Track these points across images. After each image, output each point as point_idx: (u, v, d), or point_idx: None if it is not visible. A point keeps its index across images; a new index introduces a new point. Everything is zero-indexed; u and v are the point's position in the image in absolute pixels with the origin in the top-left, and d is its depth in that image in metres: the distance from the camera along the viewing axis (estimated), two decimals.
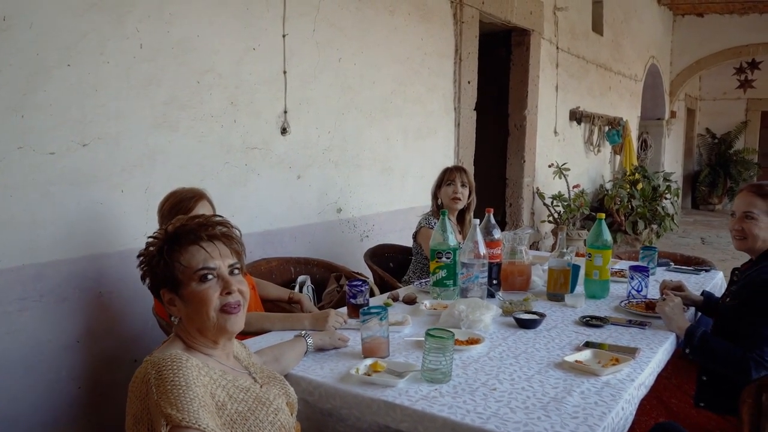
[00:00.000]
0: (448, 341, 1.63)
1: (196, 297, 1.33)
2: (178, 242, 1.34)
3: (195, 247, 1.34)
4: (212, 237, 1.37)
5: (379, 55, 3.93)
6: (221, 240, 1.38)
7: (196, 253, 1.34)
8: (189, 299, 1.33)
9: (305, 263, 3.18)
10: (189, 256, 1.33)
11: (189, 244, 1.34)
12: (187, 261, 1.33)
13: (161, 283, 1.36)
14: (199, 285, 1.33)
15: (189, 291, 1.33)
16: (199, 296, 1.33)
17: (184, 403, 1.16)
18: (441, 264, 2.42)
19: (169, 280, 1.34)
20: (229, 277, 1.36)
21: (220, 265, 1.36)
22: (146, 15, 2.59)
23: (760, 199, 2.15)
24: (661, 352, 1.96)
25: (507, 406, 1.51)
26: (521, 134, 5.95)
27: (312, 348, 1.84)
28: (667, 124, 10.96)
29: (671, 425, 1.84)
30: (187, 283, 1.33)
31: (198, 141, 2.86)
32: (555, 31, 6.40)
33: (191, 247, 1.34)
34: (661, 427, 1.84)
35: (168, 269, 1.33)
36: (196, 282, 1.33)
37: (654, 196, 7.62)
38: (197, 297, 1.33)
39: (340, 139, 3.68)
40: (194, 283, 1.33)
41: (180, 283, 1.33)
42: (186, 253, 1.34)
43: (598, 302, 2.51)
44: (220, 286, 1.35)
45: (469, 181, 3.28)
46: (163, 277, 1.34)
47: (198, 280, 1.33)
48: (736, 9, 10.19)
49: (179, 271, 1.33)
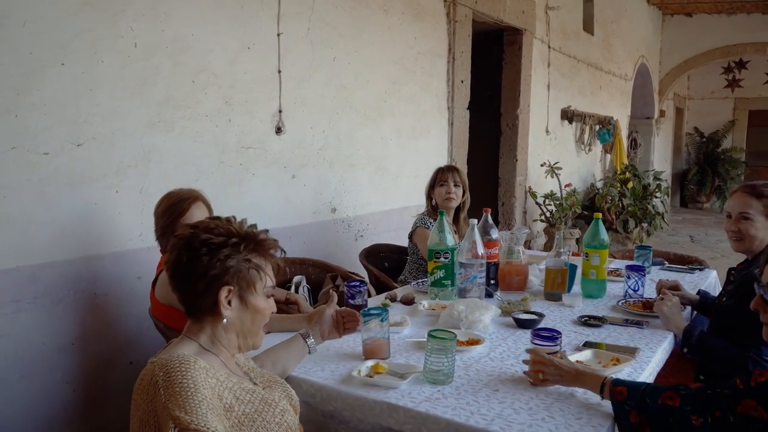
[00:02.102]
0: (451, 342, 1.63)
1: (262, 310, 1.40)
2: (263, 251, 1.39)
3: (273, 262, 1.42)
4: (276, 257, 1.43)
5: (374, 54, 3.92)
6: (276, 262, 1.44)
7: (271, 269, 1.42)
8: (254, 308, 1.38)
9: (300, 263, 3.17)
10: (269, 270, 1.40)
11: (270, 257, 1.40)
12: (268, 273, 1.40)
13: (229, 279, 1.33)
14: (266, 300, 1.41)
15: (258, 301, 1.38)
16: (264, 310, 1.40)
17: (193, 406, 1.15)
18: (439, 264, 2.42)
19: (244, 280, 1.36)
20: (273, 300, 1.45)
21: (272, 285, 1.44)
22: (140, 14, 2.57)
23: (755, 199, 2.16)
24: (660, 352, 1.97)
25: (510, 407, 1.51)
26: (513, 133, 5.96)
27: (315, 348, 1.80)
28: (657, 123, 11.03)
29: None
30: (257, 293, 1.38)
31: (193, 141, 2.83)
32: (547, 31, 6.42)
33: (271, 261, 1.41)
34: None
35: (249, 271, 1.36)
36: (265, 296, 1.40)
37: (644, 195, 7.67)
38: (263, 310, 1.40)
39: (335, 139, 3.67)
40: (262, 296, 1.39)
41: (253, 289, 1.37)
42: (267, 266, 1.40)
43: (596, 302, 2.52)
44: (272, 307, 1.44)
45: (462, 180, 3.28)
46: (239, 275, 1.34)
47: (267, 295, 1.41)
48: (724, 9, 10.27)
49: (257, 278, 1.37)
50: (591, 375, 1.58)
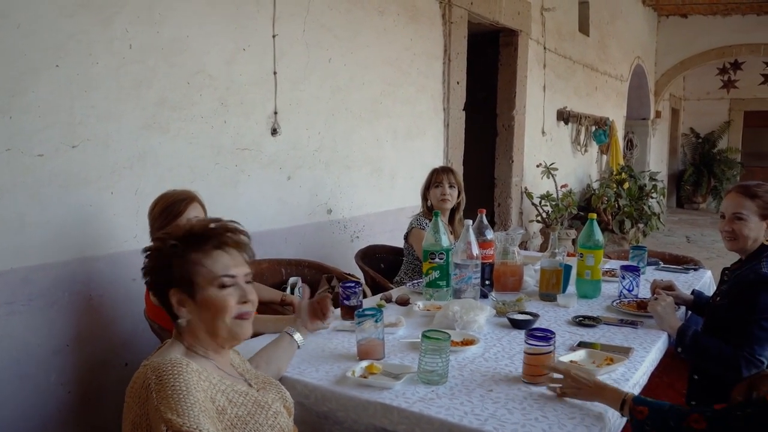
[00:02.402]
0: (445, 343, 1.63)
1: (214, 302, 1.33)
2: (202, 244, 1.33)
3: (219, 252, 1.34)
4: (236, 244, 1.37)
5: (369, 55, 3.93)
6: (239, 248, 1.39)
7: (219, 259, 1.34)
8: (206, 304, 1.33)
9: (296, 264, 3.17)
10: (212, 261, 1.33)
11: (213, 248, 1.34)
12: (210, 265, 1.33)
13: (173, 283, 1.33)
14: (219, 291, 1.33)
15: (206, 295, 1.32)
16: (219, 302, 1.33)
17: (185, 408, 1.15)
18: (434, 265, 2.43)
19: (184, 281, 1.32)
20: (245, 286, 1.37)
21: (239, 273, 1.36)
22: (135, 16, 2.57)
23: (748, 199, 2.17)
24: (654, 352, 1.98)
25: (504, 407, 1.51)
26: (509, 134, 5.97)
27: (301, 342, 1.81)
28: (653, 123, 11.05)
29: None
30: (205, 287, 1.32)
31: (188, 142, 2.83)
32: (542, 32, 6.43)
33: (216, 251, 1.34)
34: None
35: (185, 270, 1.32)
36: (215, 288, 1.33)
37: (640, 196, 7.69)
38: (216, 302, 1.33)
39: (330, 140, 3.67)
40: (213, 288, 1.32)
41: (197, 286, 1.32)
42: (209, 257, 1.33)
43: (590, 302, 2.53)
44: (237, 293, 1.35)
45: (457, 181, 3.29)
46: (178, 277, 1.32)
47: (218, 286, 1.33)
48: (719, 10, 10.31)
49: (199, 274, 1.32)
50: (611, 390, 1.53)
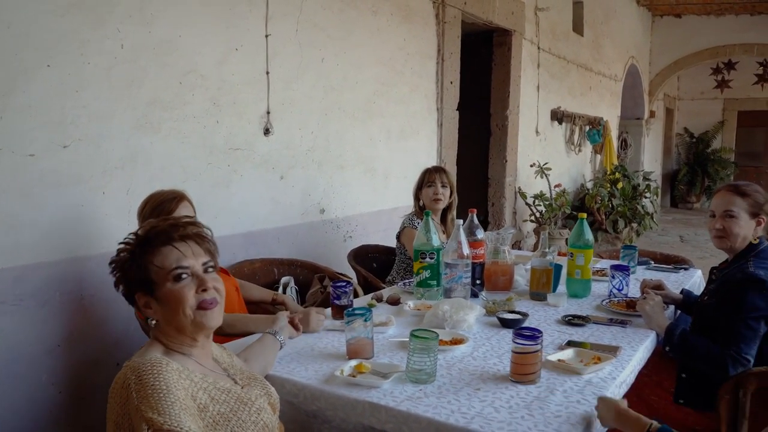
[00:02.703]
0: (433, 342, 1.64)
1: (172, 296, 1.34)
2: (151, 244, 1.35)
3: (168, 248, 1.35)
4: (184, 237, 1.38)
5: (362, 55, 3.94)
6: (193, 239, 1.39)
7: (169, 254, 1.35)
8: (165, 300, 1.34)
9: (289, 264, 3.18)
10: (162, 257, 1.34)
11: (161, 245, 1.35)
12: (160, 262, 1.34)
13: (135, 287, 1.36)
14: (174, 284, 1.34)
15: (164, 291, 1.34)
16: (175, 295, 1.33)
17: (165, 407, 1.16)
18: (425, 264, 2.44)
19: (143, 283, 1.35)
20: (203, 275, 1.37)
21: (194, 263, 1.37)
22: (127, 15, 2.57)
23: (739, 197, 2.19)
24: (642, 350, 1.99)
25: (491, 406, 1.52)
26: (503, 134, 5.99)
27: (284, 342, 1.86)
28: (647, 123, 11.09)
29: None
30: (162, 284, 1.34)
31: (180, 142, 2.84)
32: (536, 32, 6.45)
33: (164, 248, 1.35)
34: None
35: (141, 272, 1.34)
36: (171, 282, 1.34)
37: (634, 195, 7.72)
38: (173, 296, 1.33)
39: (323, 140, 3.68)
40: (169, 283, 1.34)
41: (155, 285, 1.34)
42: (159, 254, 1.34)
43: (580, 301, 2.54)
44: (195, 284, 1.36)
45: (450, 181, 3.31)
46: (137, 280, 1.35)
47: (173, 280, 1.34)
48: (712, 10, 10.35)
49: (153, 272, 1.34)
50: (634, 419, 1.48)
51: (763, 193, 2.20)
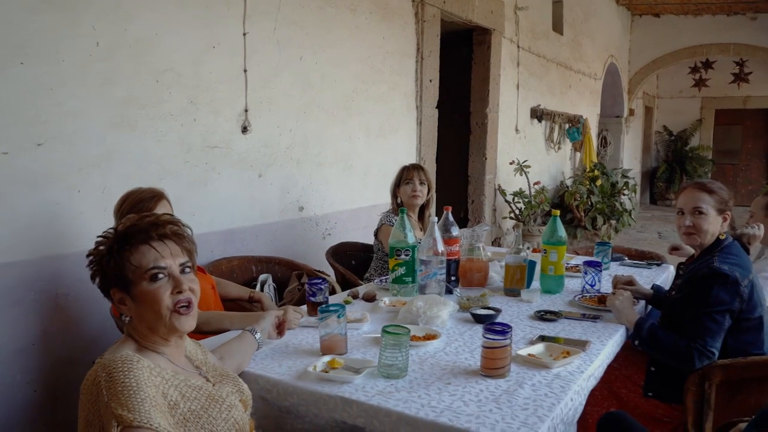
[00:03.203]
0: (404, 337, 1.67)
1: (147, 296, 1.34)
2: (129, 242, 1.36)
3: (145, 247, 1.35)
4: (163, 236, 1.38)
5: (341, 53, 3.95)
6: (172, 239, 1.39)
7: (146, 253, 1.35)
8: (140, 299, 1.35)
9: (267, 262, 3.19)
10: (139, 256, 1.35)
11: (139, 243, 1.36)
12: (137, 261, 1.34)
13: (111, 283, 1.37)
14: (150, 284, 1.34)
15: (140, 290, 1.34)
16: (151, 295, 1.34)
17: (135, 404, 1.17)
18: (400, 261, 2.46)
19: (119, 279, 1.35)
20: (180, 276, 1.37)
21: (171, 264, 1.37)
22: (102, 13, 2.57)
23: (706, 194, 2.24)
24: (611, 344, 2.03)
25: (460, 400, 1.55)
26: (483, 132, 6.03)
27: (262, 342, 1.85)
28: (626, 121, 11.22)
29: (620, 415, 1.91)
30: (138, 283, 1.34)
31: (157, 140, 2.84)
32: (516, 30, 6.50)
33: (142, 246, 1.35)
34: (609, 416, 1.90)
35: (118, 269, 1.34)
36: (147, 281, 1.34)
37: (612, 193, 7.80)
38: (148, 296, 1.34)
39: (302, 138, 3.69)
40: (145, 282, 1.34)
41: (130, 283, 1.35)
42: (136, 252, 1.35)
43: (554, 297, 2.58)
44: (171, 285, 1.36)
45: (428, 178, 3.34)
46: (114, 276, 1.36)
47: (149, 280, 1.34)
48: (690, 10, 10.49)
49: (130, 270, 1.34)
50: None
51: (726, 190, 2.26)
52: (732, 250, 2.20)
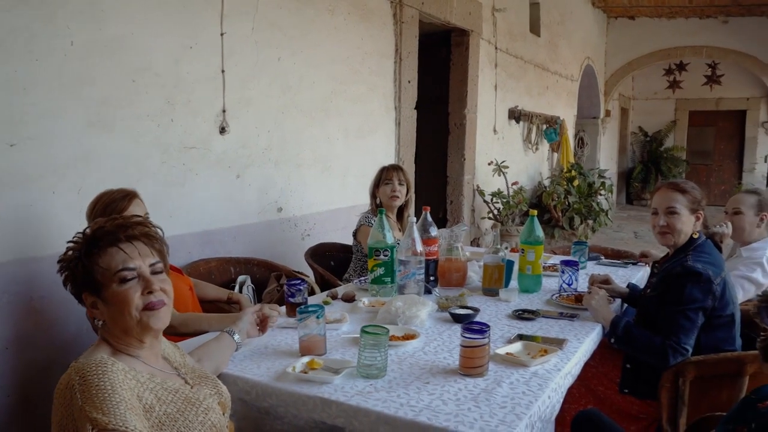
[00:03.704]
0: (383, 337, 1.67)
1: (117, 298, 1.33)
2: (97, 245, 1.35)
3: (113, 249, 1.35)
4: (131, 237, 1.37)
5: (320, 54, 3.94)
6: (140, 240, 1.39)
7: (114, 255, 1.34)
8: (111, 301, 1.34)
9: (245, 263, 3.18)
10: (108, 258, 1.34)
11: (107, 246, 1.35)
12: (106, 263, 1.34)
13: (82, 287, 1.36)
14: (120, 286, 1.33)
15: (110, 293, 1.33)
16: (121, 297, 1.33)
17: (110, 407, 1.16)
18: (379, 261, 2.47)
19: (89, 283, 1.34)
20: (150, 277, 1.37)
21: (140, 264, 1.36)
22: (77, 12, 2.53)
23: (680, 194, 2.28)
24: (588, 343, 2.06)
25: (439, 399, 1.56)
26: (461, 133, 6.07)
27: (240, 343, 1.84)
28: (602, 122, 11.35)
29: (593, 413, 1.93)
30: (108, 285, 1.33)
31: (134, 141, 2.81)
32: (494, 32, 6.54)
33: (110, 248, 1.34)
34: (583, 414, 1.93)
35: (88, 273, 1.33)
36: (116, 283, 1.33)
37: (589, 193, 7.90)
38: (118, 298, 1.33)
39: (280, 139, 3.68)
40: (115, 284, 1.33)
41: (101, 286, 1.34)
42: (105, 255, 1.34)
43: (531, 296, 2.61)
44: (141, 285, 1.35)
45: (407, 179, 3.36)
46: (84, 280, 1.35)
47: (118, 282, 1.33)
48: (664, 13, 10.67)
49: (99, 273, 1.33)
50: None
51: (699, 189, 2.30)
52: (705, 248, 2.25)
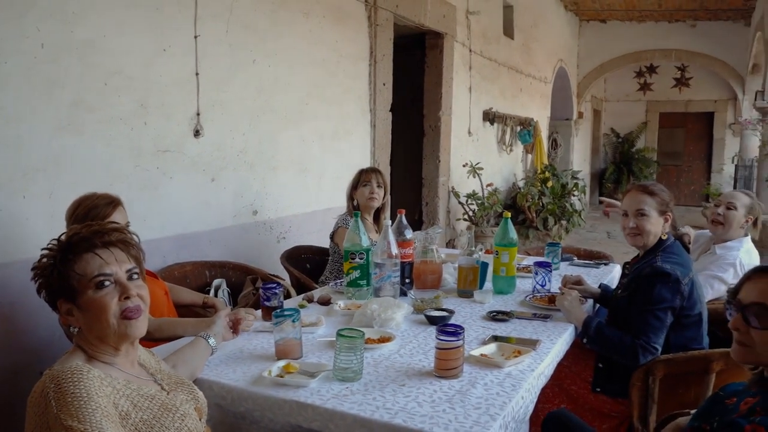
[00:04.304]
0: (359, 340, 1.68)
1: (94, 305, 1.32)
2: (73, 251, 1.34)
3: (89, 255, 1.34)
4: (107, 243, 1.37)
5: (294, 57, 3.94)
6: (117, 246, 1.38)
7: (90, 261, 1.33)
8: (87, 307, 1.33)
9: (221, 267, 3.16)
10: (84, 264, 1.33)
11: (83, 252, 1.34)
12: (82, 269, 1.33)
13: (57, 294, 1.35)
14: (96, 292, 1.33)
15: (86, 299, 1.32)
16: (97, 304, 1.32)
17: (86, 414, 1.15)
18: (354, 264, 2.48)
19: (65, 290, 1.33)
20: (127, 282, 1.36)
21: (117, 270, 1.35)
22: (48, 14, 2.50)
23: (648, 196, 2.33)
24: (560, 343, 2.10)
25: (415, 401, 1.58)
26: (436, 135, 6.10)
27: (216, 347, 1.84)
28: (575, 124, 11.51)
29: (563, 413, 1.96)
30: (84, 292, 1.32)
31: (106, 144, 2.78)
32: (468, 35, 6.60)
33: (85, 254, 1.34)
34: (553, 415, 1.95)
35: (63, 279, 1.32)
36: (92, 290, 1.32)
37: (563, 194, 7.99)
38: (95, 304, 1.32)
39: (255, 141, 3.67)
40: (91, 291, 1.32)
41: (77, 293, 1.33)
42: (80, 261, 1.33)
43: (506, 297, 2.64)
44: (118, 291, 1.35)
45: (384, 182, 3.37)
46: (59, 287, 1.33)
47: (95, 288, 1.33)
48: (634, 17, 10.86)
49: (75, 280, 1.32)
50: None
51: (668, 192, 2.35)
52: (674, 249, 2.30)
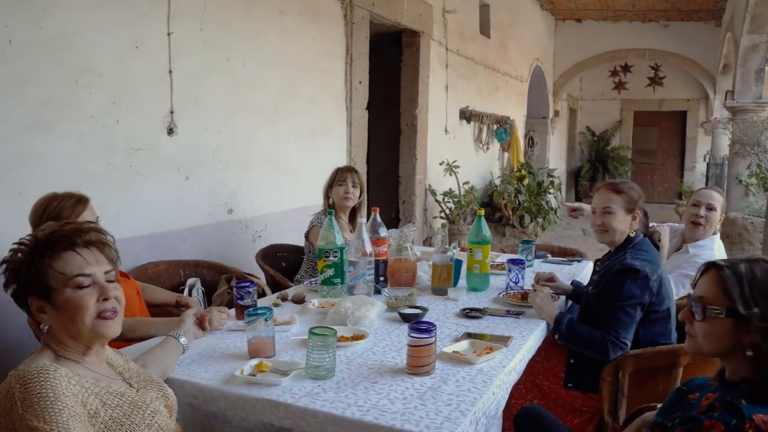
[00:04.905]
0: (331, 338, 1.69)
1: (71, 304, 1.30)
2: (51, 248, 1.32)
3: (70, 253, 1.32)
4: (88, 243, 1.35)
5: (270, 55, 3.93)
6: (96, 246, 1.36)
7: (71, 260, 1.32)
8: (63, 306, 1.31)
9: (195, 266, 3.14)
10: (63, 263, 1.31)
11: (63, 249, 1.32)
12: (61, 267, 1.31)
13: (30, 291, 1.32)
14: (75, 292, 1.31)
15: (63, 298, 1.30)
16: (75, 303, 1.30)
17: (53, 415, 1.14)
18: (329, 263, 2.48)
19: (39, 287, 1.31)
20: (105, 284, 1.35)
21: (96, 271, 1.34)
22: (14, 8, 2.47)
23: (615, 194, 2.36)
24: (532, 339, 2.12)
25: (387, 398, 1.59)
26: (413, 133, 6.12)
27: (187, 345, 1.84)
28: (551, 122, 11.62)
29: (534, 409, 1.98)
30: (61, 290, 1.30)
31: (77, 143, 2.75)
32: (444, 33, 6.62)
33: (65, 253, 1.32)
34: (525, 411, 1.98)
35: (39, 276, 1.30)
36: (71, 289, 1.31)
37: (539, 191, 8.07)
38: (73, 304, 1.30)
39: (230, 140, 3.65)
40: (69, 289, 1.31)
41: (52, 291, 1.31)
42: (60, 259, 1.31)
43: (479, 294, 2.66)
44: (96, 292, 1.33)
45: (361, 181, 3.38)
46: (34, 284, 1.31)
47: (73, 287, 1.31)
48: (609, 16, 11.00)
49: (52, 278, 1.30)
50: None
51: (638, 190, 2.39)
52: (643, 246, 2.34)
